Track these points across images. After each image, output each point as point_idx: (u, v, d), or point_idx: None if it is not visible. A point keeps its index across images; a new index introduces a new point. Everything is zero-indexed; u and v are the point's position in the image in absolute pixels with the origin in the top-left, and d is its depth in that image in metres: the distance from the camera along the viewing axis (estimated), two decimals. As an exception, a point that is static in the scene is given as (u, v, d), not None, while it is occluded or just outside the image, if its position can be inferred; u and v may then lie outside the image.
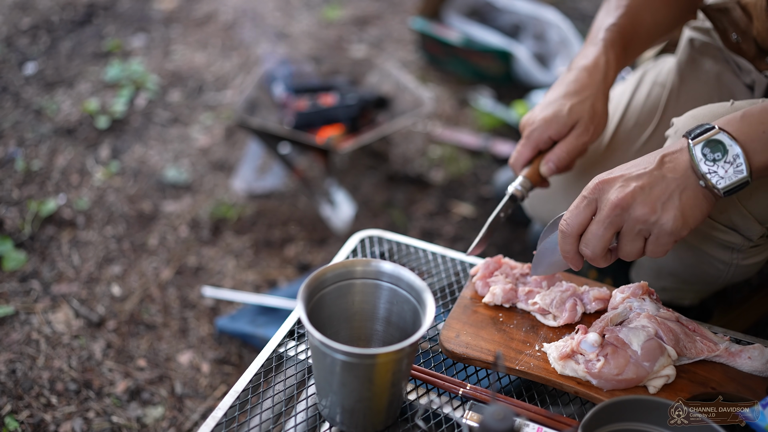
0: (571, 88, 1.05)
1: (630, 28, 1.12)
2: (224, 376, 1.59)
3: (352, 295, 0.90)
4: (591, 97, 1.04)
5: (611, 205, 0.83)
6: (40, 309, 1.68)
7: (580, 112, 1.03)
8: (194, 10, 3.10)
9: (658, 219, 0.82)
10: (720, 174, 0.81)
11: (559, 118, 1.03)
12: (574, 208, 0.87)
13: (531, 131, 1.05)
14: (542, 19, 2.73)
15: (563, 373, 0.89)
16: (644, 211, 0.82)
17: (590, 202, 0.86)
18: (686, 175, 0.82)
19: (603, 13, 1.15)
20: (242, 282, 1.84)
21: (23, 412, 1.43)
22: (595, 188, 0.86)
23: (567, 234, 0.88)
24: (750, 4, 1.09)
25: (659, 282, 1.26)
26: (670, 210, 0.81)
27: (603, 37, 1.09)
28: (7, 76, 2.51)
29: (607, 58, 1.07)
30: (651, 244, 0.84)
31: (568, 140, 1.05)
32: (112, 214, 2.01)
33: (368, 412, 0.85)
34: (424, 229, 2.05)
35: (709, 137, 0.82)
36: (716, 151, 0.81)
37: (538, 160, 1.07)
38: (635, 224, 0.83)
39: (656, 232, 0.83)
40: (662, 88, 1.26)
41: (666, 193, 0.82)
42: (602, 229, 0.84)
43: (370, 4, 3.30)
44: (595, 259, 0.87)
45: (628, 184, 0.83)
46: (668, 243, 0.83)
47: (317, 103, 2.20)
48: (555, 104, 1.04)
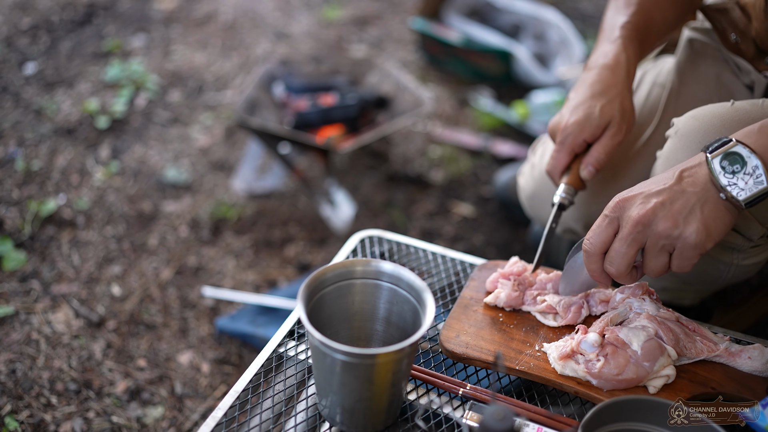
0: (597, 88, 1.04)
1: (643, 25, 1.12)
2: (224, 376, 1.59)
3: (352, 295, 0.90)
4: (618, 96, 1.04)
5: (633, 222, 0.83)
6: (40, 309, 1.68)
7: (610, 112, 1.03)
8: (194, 10, 3.10)
9: (681, 233, 0.82)
10: (740, 186, 0.81)
11: (592, 120, 1.02)
12: (596, 227, 0.88)
13: (565, 136, 1.04)
14: (542, 19, 2.74)
15: (563, 373, 0.89)
16: (666, 225, 0.82)
17: (612, 220, 0.86)
18: (706, 188, 0.82)
19: (612, 11, 1.15)
20: (242, 282, 1.84)
21: (23, 412, 1.43)
22: (615, 206, 0.86)
23: (591, 253, 0.88)
24: (749, 5, 1.09)
25: (659, 282, 1.26)
26: (692, 223, 0.81)
27: (620, 35, 1.08)
28: (7, 76, 2.51)
29: (628, 55, 1.07)
30: (676, 258, 0.84)
31: (603, 141, 1.04)
32: (112, 214, 2.01)
33: (368, 412, 0.85)
34: (424, 229, 2.05)
35: (727, 150, 0.82)
36: (735, 163, 0.82)
37: (576, 165, 1.07)
38: (658, 239, 0.83)
39: (680, 246, 0.83)
40: (662, 88, 1.26)
41: (687, 206, 0.82)
42: (625, 246, 0.85)
43: (370, 4, 3.30)
44: (620, 276, 0.88)
45: (648, 200, 0.83)
46: (693, 257, 0.83)
47: (317, 103, 2.20)
48: (584, 106, 1.03)
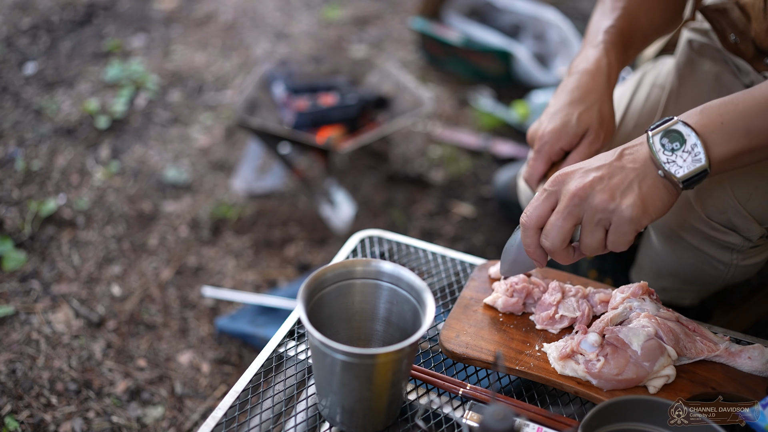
0: (576, 95, 1.03)
1: (628, 29, 1.11)
2: (224, 376, 1.59)
3: (352, 295, 0.90)
4: (597, 102, 1.03)
5: (570, 195, 0.83)
6: (40, 309, 1.68)
7: (588, 120, 1.02)
8: (194, 10, 3.10)
9: (617, 206, 0.81)
10: (678, 163, 0.81)
11: (569, 128, 1.01)
12: (534, 200, 0.87)
13: (542, 144, 1.03)
14: (542, 19, 2.74)
15: (563, 373, 0.89)
16: (603, 198, 0.81)
17: (550, 194, 0.86)
18: (645, 164, 0.83)
19: (598, 15, 1.14)
20: (242, 282, 1.84)
21: (23, 412, 1.43)
22: (554, 180, 0.86)
23: (527, 226, 0.88)
24: (748, 5, 1.09)
25: (659, 282, 1.26)
26: (629, 197, 0.81)
27: (603, 39, 1.07)
28: (7, 76, 2.51)
29: (609, 60, 1.06)
30: (611, 233, 0.84)
31: (580, 150, 1.03)
32: (112, 214, 2.01)
33: (368, 412, 0.85)
34: (424, 229, 2.05)
35: (668, 128, 0.83)
36: (674, 140, 0.82)
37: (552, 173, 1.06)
38: (594, 213, 0.83)
39: (616, 220, 0.82)
40: (661, 89, 1.26)
41: (625, 181, 0.82)
42: (561, 219, 0.84)
43: (370, 4, 3.30)
44: (555, 251, 0.87)
45: (587, 174, 0.84)
46: (629, 232, 0.83)
47: (317, 103, 2.20)
48: (562, 114, 1.02)
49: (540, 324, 0.96)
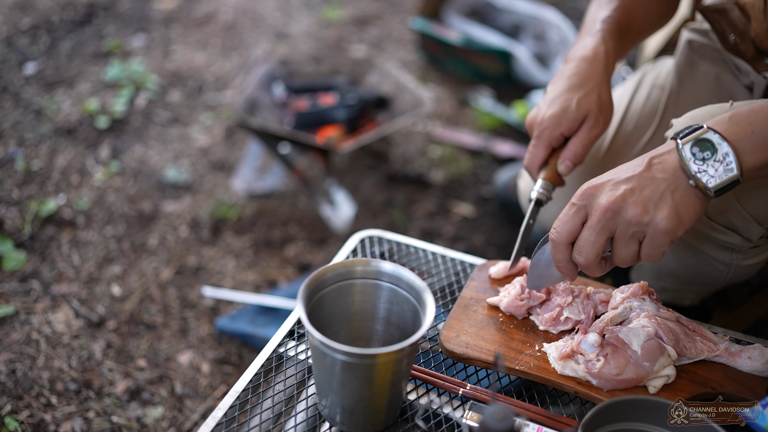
0: (575, 81, 1.03)
1: (624, 20, 1.12)
2: (224, 376, 1.59)
3: (352, 295, 0.90)
4: (596, 88, 1.02)
5: (602, 210, 0.81)
6: (40, 309, 1.68)
7: (588, 105, 1.01)
8: (194, 10, 3.10)
9: (652, 219, 0.80)
10: (710, 173, 0.80)
11: (569, 114, 1.01)
12: (563, 215, 0.85)
13: (542, 130, 1.02)
14: (542, 19, 2.74)
15: (563, 373, 0.89)
16: (636, 211, 0.80)
17: (579, 208, 0.84)
18: (676, 174, 0.81)
19: (595, 6, 1.14)
20: (242, 282, 1.84)
21: (23, 412, 1.43)
22: (583, 194, 0.84)
23: (558, 242, 0.86)
24: (748, 5, 1.09)
25: (659, 282, 1.26)
26: (663, 209, 0.80)
27: (600, 28, 1.08)
28: (7, 76, 2.51)
29: (606, 48, 1.06)
30: (646, 246, 0.82)
31: (580, 135, 1.03)
32: (112, 214, 2.01)
33: (368, 412, 0.85)
34: (424, 229, 2.05)
35: (698, 136, 0.81)
36: (705, 150, 0.81)
37: (553, 160, 1.05)
38: (628, 227, 0.81)
39: (651, 233, 0.81)
40: (661, 90, 1.26)
41: (657, 193, 0.80)
42: (594, 234, 0.83)
43: (370, 4, 3.30)
44: (589, 266, 0.86)
45: (617, 187, 0.82)
46: (664, 244, 0.81)
47: (317, 103, 2.20)
48: (561, 99, 1.02)
49: (543, 325, 0.96)
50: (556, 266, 0.89)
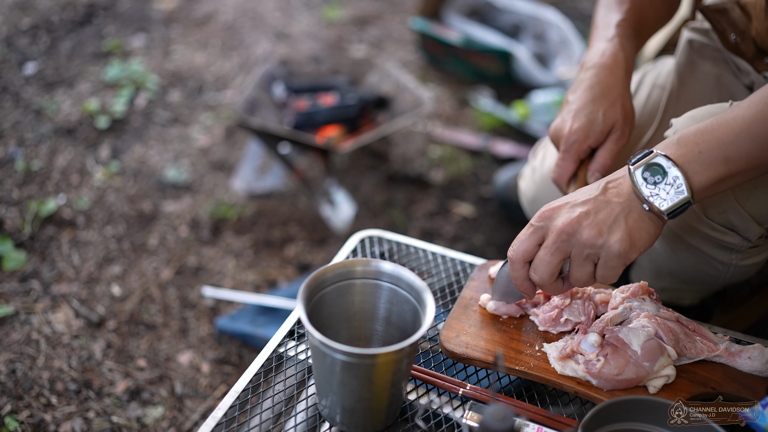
0: (598, 90, 1.03)
1: (637, 23, 1.12)
2: (224, 376, 1.59)
3: (352, 295, 0.90)
4: (620, 98, 1.03)
5: (558, 231, 0.83)
6: (40, 309, 1.68)
7: (614, 116, 1.02)
8: (194, 10, 3.10)
9: (605, 242, 0.82)
10: (662, 196, 0.82)
11: (596, 126, 1.02)
12: (521, 235, 0.88)
13: (570, 144, 1.03)
14: (542, 19, 2.74)
15: (563, 373, 0.89)
16: (591, 234, 0.82)
17: (536, 229, 0.86)
18: (630, 198, 0.83)
19: (605, 9, 1.14)
20: (242, 282, 1.84)
21: (23, 412, 1.43)
22: (540, 216, 0.86)
23: (514, 260, 0.88)
24: (749, 4, 1.09)
25: (659, 282, 1.26)
26: (616, 232, 0.82)
27: (616, 33, 1.08)
28: (7, 76, 2.51)
29: (625, 54, 1.06)
30: (600, 267, 0.84)
31: (608, 146, 1.03)
32: (112, 214, 2.01)
33: (368, 412, 0.85)
34: (424, 229, 2.05)
35: (648, 161, 0.83)
36: (656, 174, 0.83)
37: (582, 172, 1.05)
38: (583, 249, 0.83)
39: (604, 255, 0.83)
40: (662, 90, 1.26)
41: (611, 216, 0.82)
42: (549, 254, 0.85)
43: (370, 4, 3.30)
44: (544, 285, 0.87)
45: (573, 209, 0.84)
46: (617, 266, 0.83)
47: (317, 103, 2.20)
48: (587, 111, 1.02)
49: (543, 325, 0.96)
50: (514, 283, 0.91)
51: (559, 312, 0.96)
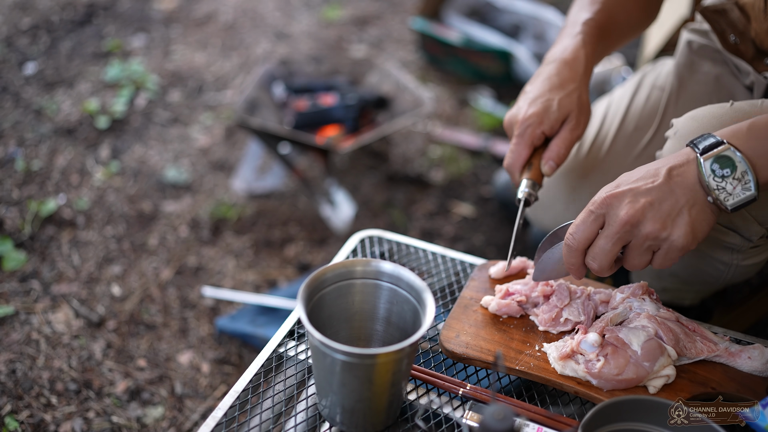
0: (555, 81, 1.04)
1: (606, 24, 1.12)
2: (224, 376, 1.59)
3: (352, 295, 0.90)
4: (576, 90, 1.04)
5: (621, 222, 0.82)
6: (40, 309, 1.68)
7: (569, 106, 1.03)
8: (194, 10, 3.10)
9: (669, 235, 0.81)
10: (728, 190, 0.81)
11: (550, 113, 1.02)
12: (580, 222, 0.86)
13: (524, 128, 1.03)
14: (542, 19, 2.74)
15: (563, 373, 0.89)
16: (655, 227, 0.81)
17: (598, 216, 0.85)
18: (695, 189, 0.82)
19: (577, 7, 1.15)
20: (242, 282, 1.84)
21: (23, 412, 1.43)
22: (602, 203, 0.84)
23: (573, 248, 0.87)
24: (748, 5, 1.09)
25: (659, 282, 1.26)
26: (680, 226, 0.81)
27: (581, 31, 1.08)
28: (7, 76, 2.51)
29: (587, 52, 1.07)
30: (659, 257, 0.84)
31: (562, 135, 1.03)
32: (112, 214, 2.01)
33: (368, 412, 0.85)
34: (424, 229, 2.05)
35: (719, 153, 0.81)
36: (725, 167, 0.81)
37: (536, 160, 1.05)
38: (645, 240, 0.82)
39: (666, 247, 0.83)
40: (661, 91, 1.26)
41: (676, 208, 0.81)
42: (611, 244, 0.84)
43: (370, 4, 3.30)
44: (602, 272, 0.88)
45: (637, 199, 0.82)
46: (677, 257, 0.83)
47: (317, 103, 2.20)
48: (542, 99, 1.02)
49: (543, 325, 0.96)
50: (567, 268, 0.90)
51: (558, 311, 0.96)
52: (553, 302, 0.97)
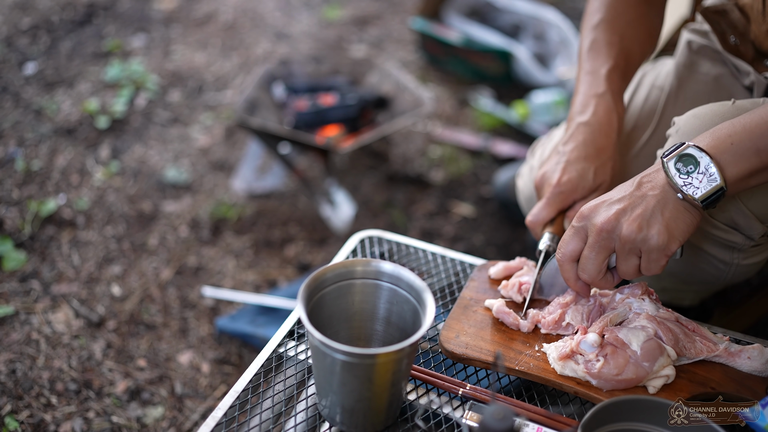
0: (591, 150, 1.06)
1: (626, 67, 1.14)
2: (224, 376, 1.59)
3: (352, 295, 0.90)
4: (611, 160, 1.07)
5: (597, 230, 0.87)
6: (40, 309, 1.68)
7: (603, 176, 1.07)
8: (194, 10, 3.10)
9: (645, 236, 0.85)
10: (695, 185, 0.84)
11: (585, 183, 1.05)
12: (565, 238, 0.92)
13: (556, 194, 1.05)
14: (542, 19, 2.74)
15: (563, 374, 0.89)
16: (630, 229, 0.85)
17: (578, 230, 0.90)
18: (665, 190, 0.86)
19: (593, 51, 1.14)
20: (242, 282, 1.84)
21: (23, 412, 1.43)
22: (580, 216, 0.90)
23: (563, 262, 0.92)
24: (747, 6, 1.09)
25: (659, 282, 1.26)
26: (654, 225, 0.85)
27: (608, 89, 1.10)
28: (7, 76, 2.51)
29: (618, 113, 1.10)
30: (644, 261, 0.88)
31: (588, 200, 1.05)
32: (112, 214, 2.01)
33: (368, 412, 0.85)
34: (424, 229, 2.05)
35: (680, 152, 0.86)
36: (689, 164, 0.85)
37: (559, 217, 1.08)
38: (624, 244, 0.86)
39: (646, 249, 0.86)
40: (660, 91, 1.26)
41: (648, 210, 0.85)
42: (594, 253, 0.89)
43: (370, 4, 3.30)
44: (594, 281, 0.91)
45: (611, 207, 0.87)
46: (660, 258, 0.86)
47: (317, 103, 2.20)
48: (578, 167, 1.05)
49: (545, 328, 0.96)
50: (567, 284, 0.94)
51: (561, 313, 0.96)
52: (557, 300, 0.97)
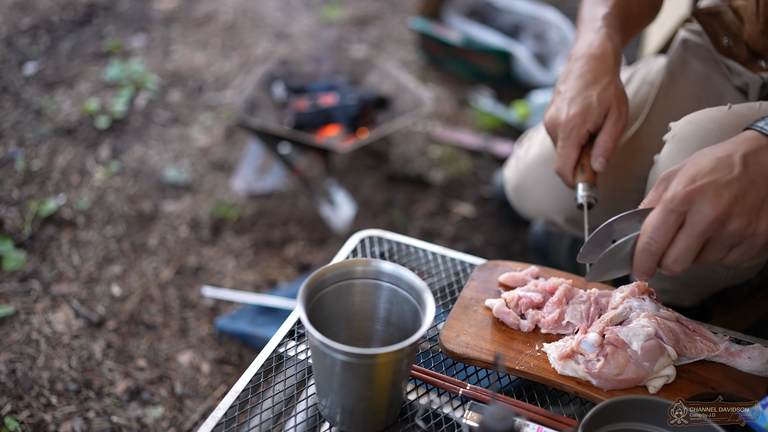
0: (589, 78, 1.03)
1: (622, 17, 1.13)
2: (224, 376, 1.59)
3: (352, 295, 0.90)
4: (612, 83, 1.03)
5: (708, 220, 0.76)
6: (40, 309, 1.68)
7: (608, 99, 1.01)
8: (194, 10, 3.10)
9: (754, 230, 0.77)
10: None
11: (592, 110, 1.00)
12: (660, 223, 0.79)
13: (569, 130, 1.01)
14: (542, 19, 2.74)
15: (563, 373, 0.89)
16: (741, 223, 0.76)
17: (679, 215, 0.78)
18: None
19: (590, 4, 1.15)
20: (242, 282, 1.84)
21: (23, 412, 1.43)
22: (684, 199, 0.77)
23: (654, 252, 0.80)
24: (741, 7, 1.09)
25: (659, 283, 1.26)
26: (764, 220, 0.76)
27: (603, 25, 1.08)
28: (7, 76, 2.51)
29: (613, 44, 1.07)
30: (737, 253, 0.79)
31: (607, 129, 1.02)
32: (112, 214, 2.01)
33: (368, 412, 0.85)
34: (424, 229, 2.05)
35: None
36: None
37: (585, 160, 1.03)
38: (729, 237, 0.77)
39: (749, 243, 0.78)
40: (651, 86, 1.26)
41: (759, 200, 0.76)
42: (697, 243, 0.78)
43: (370, 4, 3.30)
44: (680, 273, 0.81)
45: (720, 193, 0.76)
46: (755, 252, 0.79)
47: (317, 103, 2.20)
48: (581, 97, 1.01)
49: (545, 328, 0.96)
50: (637, 270, 0.84)
51: (560, 314, 0.96)
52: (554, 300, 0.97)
